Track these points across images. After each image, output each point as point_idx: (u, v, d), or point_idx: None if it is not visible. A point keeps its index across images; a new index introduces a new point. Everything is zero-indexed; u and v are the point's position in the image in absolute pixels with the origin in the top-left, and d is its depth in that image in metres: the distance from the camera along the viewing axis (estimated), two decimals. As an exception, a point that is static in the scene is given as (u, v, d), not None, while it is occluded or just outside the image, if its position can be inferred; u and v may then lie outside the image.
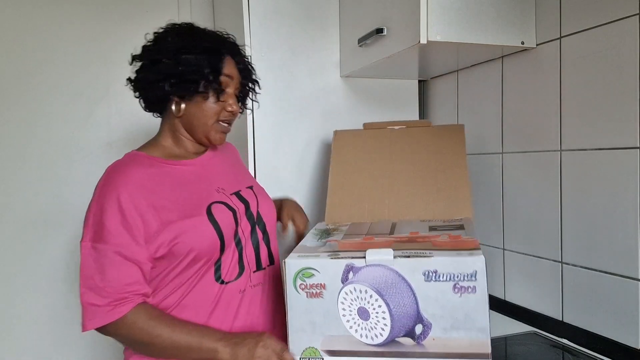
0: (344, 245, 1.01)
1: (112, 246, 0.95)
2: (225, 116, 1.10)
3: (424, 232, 1.06)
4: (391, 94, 1.74)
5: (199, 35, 1.08)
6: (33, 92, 1.85)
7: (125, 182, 0.98)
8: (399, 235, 1.05)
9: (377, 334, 0.91)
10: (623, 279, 1.10)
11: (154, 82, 1.05)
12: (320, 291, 0.93)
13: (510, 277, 1.44)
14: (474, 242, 0.94)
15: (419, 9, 1.20)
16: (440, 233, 1.04)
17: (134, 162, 1.04)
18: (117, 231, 0.96)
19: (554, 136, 1.26)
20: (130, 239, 0.96)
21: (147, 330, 0.95)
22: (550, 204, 1.28)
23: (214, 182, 1.11)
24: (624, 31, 1.07)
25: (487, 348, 0.86)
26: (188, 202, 1.02)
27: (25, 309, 1.84)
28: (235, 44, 1.14)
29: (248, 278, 1.08)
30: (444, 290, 0.87)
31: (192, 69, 1.02)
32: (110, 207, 0.96)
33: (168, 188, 1.03)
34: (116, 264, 0.95)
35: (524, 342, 1.25)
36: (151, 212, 0.98)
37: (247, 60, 1.17)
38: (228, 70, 1.08)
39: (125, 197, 0.97)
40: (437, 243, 0.96)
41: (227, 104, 1.09)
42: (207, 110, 1.07)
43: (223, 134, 1.12)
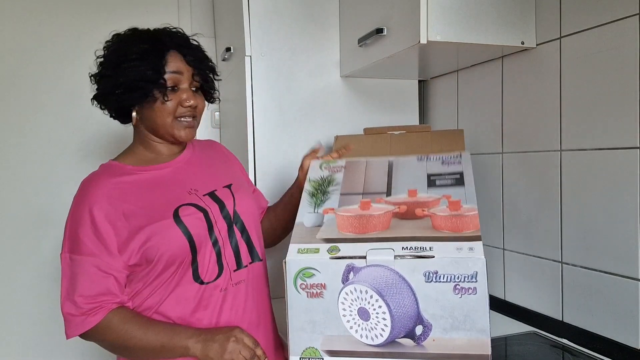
0: (342, 223, 1.00)
1: (86, 257, 0.99)
2: (183, 112, 1.08)
3: (422, 188, 1.04)
4: (391, 94, 1.74)
5: (137, 39, 1.06)
6: (33, 92, 1.85)
7: (96, 194, 1.01)
8: (396, 198, 1.04)
9: (377, 334, 0.91)
10: (623, 279, 1.10)
11: (107, 96, 1.07)
12: (321, 291, 0.93)
13: (510, 277, 1.44)
14: (474, 220, 0.93)
15: (419, 9, 1.20)
16: (439, 193, 1.02)
17: (106, 173, 1.07)
18: (90, 243, 0.99)
19: (554, 136, 1.26)
20: (103, 250, 0.99)
21: (120, 334, 0.99)
22: (550, 204, 1.28)
23: (187, 184, 1.11)
24: (624, 31, 1.07)
25: (487, 349, 0.86)
26: (156, 207, 1.03)
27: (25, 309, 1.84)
28: (181, 37, 1.11)
29: (229, 277, 1.08)
30: (444, 291, 0.87)
31: (132, 76, 1.02)
32: (83, 220, 1.00)
33: (138, 194, 1.04)
34: (90, 275, 0.99)
35: (524, 342, 1.25)
36: (121, 221, 1.00)
37: (199, 49, 1.13)
38: (174, 67, 1.06)
39: (97, 209, 1.00)
40: (437, 223, 0.95)
41: (183, 100, 1.07)
42: (161, 112, 1.06)
43: (189, 129, 1.11)
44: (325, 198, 1.08)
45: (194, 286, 1.04)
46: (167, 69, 1.05)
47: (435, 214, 0.96)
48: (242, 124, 1.61)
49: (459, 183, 1.04)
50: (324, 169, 1.17)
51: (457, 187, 1.03)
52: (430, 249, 0.89)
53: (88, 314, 0.98)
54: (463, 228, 0.92)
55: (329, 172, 1.16)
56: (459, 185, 1.03)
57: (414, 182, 1.07)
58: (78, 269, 0.99)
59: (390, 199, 1.04)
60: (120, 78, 1.03)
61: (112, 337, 0.99)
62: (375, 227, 0.97)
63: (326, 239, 0.97)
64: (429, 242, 0.90)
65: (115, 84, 1.04)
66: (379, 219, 0.99)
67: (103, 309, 0.99)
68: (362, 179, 1.12)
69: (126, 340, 0.99)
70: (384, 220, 0.98)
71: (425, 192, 1.04)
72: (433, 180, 1.07)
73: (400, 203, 1.02)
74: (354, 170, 1.15)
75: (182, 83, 1.07)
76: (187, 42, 1.11)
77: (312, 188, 1.13)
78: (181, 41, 1.10)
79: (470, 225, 0.92)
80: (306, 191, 1.12)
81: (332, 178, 1.14)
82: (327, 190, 1.11)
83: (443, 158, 1.11)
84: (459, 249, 0.88)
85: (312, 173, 1.17)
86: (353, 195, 1.08)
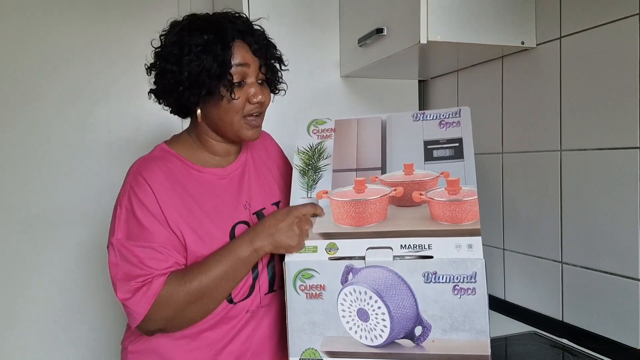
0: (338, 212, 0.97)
1: (145, 242, 0.93)
2: (251, 109, 0.99)
3: (419, 161, 0.99)
4: (391, 94, 1.74)
5: (198, 29, 0.96)
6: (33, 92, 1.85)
7: (156, 178, 0.96)
8: (392, 177, 0.99)
9: (376, 335, 0.91)
10: (623, 279, 1.10)
11: (168, 92, 0.99)
12: (320, 292, 0.93)
13: (510, 277, 1.44)
14: (473, 207, 0.91)
15: (419, 9, 1.20)
16: (437, 170, 0.97)
17: (163, 160, 1.00)
18: (150, 226, 0.93)
19: (554, 136, 1.26)
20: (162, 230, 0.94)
21: (187, 291, 0.91)
22: (550, 204, 1.28)
23: (242, 195, 1.05)
24: (624, 31, 1.07)
25: (486, 350, 0.86)
26: (214, 219, 0.98)
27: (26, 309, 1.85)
28: (245, 22, 1.01)
29: (258, 300, 1.03)
30: (443, 292, 0.87)
31: (197, 71, 0.93)
32: (139, 204, 0.94)
33: (194, 197, 0.98)
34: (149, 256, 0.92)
35: (524, 342, 1.25)
36: (174, 219, 0.95)
37: (263, 35, 1.03)
38: (240, 59, 0.96)
39: (152, 198, 0.94)
40: (436, 212, 0.92)
41: (251, 96, 0.98)
42: (228, 109, 0.97)
43: (256, 129, 1.03)
44: (317, 176, 1.03)
45: (223, 303, 0.98)
46: (233, 61, 0.95)
47: (433, 200, 0.93)
48: (242, 124, 1.61)
49: (458, 155, 0.98)
50: (312, 134, 1.09)
51: (455, 161, 0.97)
52: (429, 246, 0.89)
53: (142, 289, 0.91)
54: (462, 218, 0.91)
55: (317, 138, 1.08)
56: (457, 158, 0.97)
57: (409, 152, 1.01)
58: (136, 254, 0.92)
59: (386, 177, 1.00)
60: (184, 73, 0.94)
61: (179, 300, 0.91)
62: (372, 216, 0.96)
63: (323, 233, 0.96)
64: (427, 237, 0.90)
65: (178, 79, 0.95)
66: (375, 206, 0.96)
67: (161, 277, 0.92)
68: (355, 147, 1.06)
69: (194, 292, 0.91)
70: (380, 208, 0.96)
71: (422, 166, 0.99)
72: (430, 150, 1.00)
73: (397, 184, 0.98)
74: (345, 135, 1.07)
75: (249, 77, 0.98)
76: (251, 28, 1.01)
77: (302, 163, 1.06)
78: (245, 27, 0.99)
79: (469, 213, 0.91)
80: (296, 168, 1.05)
81: (322, 147, 1.06)
82: (317, 165, 1.05)
83: (440, 116, 1.02)
84: (458, 246, 0.88)
85: (300, 140, 1.09)
86: (346, 172, 1.02)
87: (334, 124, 1.09)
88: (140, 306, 0.91)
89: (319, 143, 1.07)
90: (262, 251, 0.94)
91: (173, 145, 1.05)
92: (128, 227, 0.94)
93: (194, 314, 0.95)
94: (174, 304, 0.91)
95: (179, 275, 0.93)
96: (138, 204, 0.94)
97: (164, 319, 0.93)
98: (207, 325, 0.99)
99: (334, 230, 0.96)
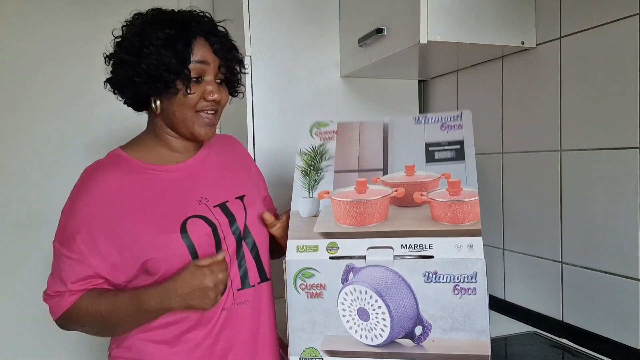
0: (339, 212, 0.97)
1: (74, 255, 0.95)
2: (205, 106, 0.99)
3: (420, 163, 1.00)
4: (391, 94, 1.74)
5: (162, 22, 0.96)
6: (33, 92, 1.85)
7: (100, 189, 0.96)
8: (393, 177, 1.00)
9: (376, 334, 0.91)
10: (623, 279, 1.10)
11: (124, 83, 0.99)
12: (320, 291, 0.93)
13: (510, 277, 1.44)
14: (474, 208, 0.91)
15: (419, 9, 1.20)
16: (438, 171, 0.98)
17: (114, 166, 1.00)
18: (81, 242, 0.95)
19: (554, 136, 1.26)
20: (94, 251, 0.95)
21: (94, 314, 0.95)
22: (550, 204, 1.28)
23: (198, 191, 1.03)
24: (624, 31, 1.07)
25: (487, 350, 0.86)
26: (164, 215, 0.97)
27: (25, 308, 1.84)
28: (208, 22, 1.02)
29: (232, 296, 1.01)
30: (443, 292, 0.87)
31: (155, 64, 0.94)
32: (80, 214, 0.95)
33: (145, 198, 0.98)
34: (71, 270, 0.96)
35: (524, 342, 1.25)
36: (122, 227, 0.94)
37: (226, 37, 1.04)
38: (200, 56, 0.97)
39: (97, 206, 0.95)
40: (437, 212, 0.93)
41: (206, 92, 0.98)
42: (182, 104, 0.98)
43: (209, 128, 1.02)
44: (319, 177, 1.04)
45: None
46: (192, 58, 0.96)
47: (435, 200, 0.94)
48: (242, 124, 1.61)
49: (459, 157, 0.98)
50: (314, 135, 1.09)
51: (457, 163, 0.98)
52: (429, 246, 0.89)
53: (61, 296, 0.96)
54: (463, 219, 0.91)
55: (320, 140, 1.08)
56: (459, 159, 0.98)
57: (411, 153, 1.02)
58: (63, 264, 0.96)
59: (387, 178, 1.00)
60: (142, 65, 0.94)
61: (87, 319, 0.96)
62: (373, 216, 0.96)
63: (324, 233, 0.96)
64: (428, 237, 0.90)
65: (136, 71, 0.95)
66: (376, 206, 0.97)
67: (74, 295, 0.96)
68: (357, 148, 1.06)
69: (99, 319, 0.95)
70: (381, 208, 0.97)
71: (423, 168, 1.00)
72: (432, 152, 1.01)
73: (398, 184, 0.99)
74: (347, 137, 1.08)
75: (207, 74, 0.99)
76: (215, 29, 1.02)
77: (304, 164, 1.06)
78: (209, 27, 1.00)
79: (470, 214, 0.91)
80: (298, 168, 1.06)
81: (325, 149, 1.06)
82: (319, 166, 1.05)
83: (442, 119, 1.03)
84: (459, 246, 0.87)
85: (302, 141, 1.09)
86: (348, 172, 1.03)
87: (336, 126, 1.09)
88: (53, 313, 0.99)
89: (321, 144, 1.08)
90: (171, 310, 0.93)
91: (127, 148, 1.05)
92: (62, 234, 0.98)
93: (102, 333, 1.02)
94: (82, 320, 0.97)
95: (94, 296, 0.96)
96: (73, 211, 0.96)
97: (76, 327, 1.00)
98: (186, 328, 0.98)
99: (334, 230, 0.96)
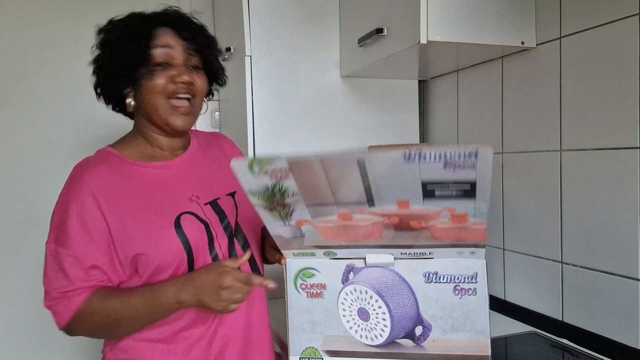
0: (327, 234, 0.86)
1: (72, 251, 0.92)
2: (175, 90, 0.96)
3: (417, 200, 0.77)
4: (391, 94, 1.74)
5: (124, 20, 0.99)
6: (33, 92, 1.85)
7: (91, 184, 0.94)
8: (383, 209, 0.80)
9: (377, 334, 0.91)
10: (623, 279, 1.10)
11: (99, 84, 1.01)
12: (321, 291, 0.93)
13: (510, 277, 1.44)
14: (480, 233, 0.79)
15: (419, 9, 1.20)
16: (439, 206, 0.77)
17: (103, 161, 0.99)
18: (77, 237, 0.92)
19: (554, 136, 1.26)
20: (91, 244, 0.93)
21: (104, 313, 0.92)
22: (550, 204, 1.28)
23: (189, 189, 1.02)
24: (624, 31, 1.07)
25: (487, 350, 0.86)
26: (156, 211, 0.96)
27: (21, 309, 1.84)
28: (175, 14, 1.00)
29: None
30: (444, 292, 0.87)
31: (117, 54, 0.94)
32: (73, 210, 0.93)
33: (135, 194, 0.96)
34: (74, 267, 0.93)
35: (524, 342, 1.25)
36: (115, 223, 0.93)
37: (193, 22, 1.01)
38: (162, 42, 0.96)
39: (89, 201, 0.93)
40: (438, 234, 0.80)
41: (174, 75, 0.96)
42: (151, 90, 0.95)
43: (185, 117, 0.99)
44: (289, 210, 0.84)
45: None
46: (154, 44, 0.95)
47: (435, 226, 0.81)
48: (242, 124, 1.61)
49: (469, 195, 0.75)
50: (258, 174, 0.78)
51: (464, 200, 0.75)
52: (430, 253, 0.88)
53: (69, 298, 0.93)
54: (467, 239, 0.83)
55: (270, 179, 0.79)
56: (467, 197, 0.75)
57: (403, 189, 0.77)
58: (63, 262, 0.93)
59: (375, 209, 0.81)
60: (105, 61, 0.96)
61: (98, 319, 0.93)
62: (367, 237, 0.85)
63: (317, 246, 0.90)
64: (429, 248, 0.87)
65: (101, 68, 0.98)
66: (367, 229, 0.83)
67: (83, 293, 0.93)
68: (326, 185, 0.79)
69: (112, 317, 0.92)
70: (374, 230, 0.84)
71: (420, 204, 0.78)
72: (431, 190, 0.76)
73: (390, 215, 0.81)
74: (308, 175, 0.78)
75: (175, 59, 0.97)
76: (181, 17, 1.00)
77: (263, 202, 0.82)
78: (174, 17, 0.99)
79: (475, 235, 0.81)
80: (259, 206, 0.83)
81: (283, 188, 0.80)
82: (284, 202, 0.82)
83: (447, 157, 0.70)
84: (460, 253, 0.87)
85: (247, 182, 0.80)
86: (323, 205, 0.82)
87: (286, 164, 0.77)
88: (62, 317, 0.94)
89: (275, 182, 0.80)
90: (185, 305, 0.92)
91: (117, 146, 1.04)
92: (57, 233, 0.94)
93: (112, 334, 0.98)
94: (93, 321, 0.94)
95: (103, 294, 0.93)
96: (70, 210, 0.93)
97: (85, 331, 0.96)
98: (181, 326, 0.97)
99: (329, 244, 0.90)
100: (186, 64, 0.98)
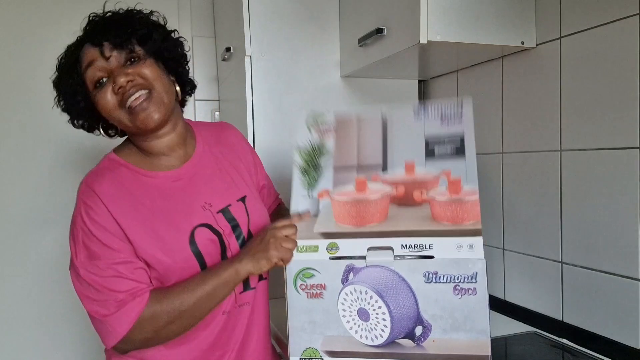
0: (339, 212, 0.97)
1: (105, 260, 0.90)
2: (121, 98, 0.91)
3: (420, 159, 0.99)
4: (391, 94, 1.74)
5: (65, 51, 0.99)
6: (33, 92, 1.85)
7: (106, 193, 0.92)
8: (393, 176, 0.99)
9: (377, 335, 0.91)
10: (623, 279, 1.10)
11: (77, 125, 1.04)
12: (321, 291, 0.93)
13: (510, 277, 1.44)
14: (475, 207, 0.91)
15: (419, 9, 1.20)
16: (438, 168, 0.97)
17: (111, 174, 0.96)
18: (106, 242, 0.90)
19: (554, 136, 1.26)
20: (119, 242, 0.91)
21: (168, 310, 0.90)
22: (550, 204, 1.28)
23: (201, 196, 1.00)
24: (624, 31, 1.07)
25: (487, 350, 0.86)
26: (171, 225, 0.94)
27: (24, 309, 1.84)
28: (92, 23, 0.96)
29: (234, 299, 1.00)
30: (444, 292, 0.87)
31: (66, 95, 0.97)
32: (94, 227, 0.90)
33: (149, 207, 0.94)
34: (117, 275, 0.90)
35: (524, 342, 1.25)
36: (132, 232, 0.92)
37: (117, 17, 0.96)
38: (87, 60, 0.92)
39: (104, 217, 0.91)
40: (437, 212, 0.93)
41: (113, 86, 0.91)
42: (104, 110, 0.94)
43: (147, 111, 0.92)
44: (318, 175, 1.03)
45: None
46: (83, 68, 0.93)
47: (435, 200, 0.94)
48: (242, 124, 1.61)
49: (459, 152, 0.97)
50: (312, 131, 1.06)
51: (457, 159, 0.96)
52: (430, 246, 0.89)
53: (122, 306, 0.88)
54: (464, 218, 0.91)
55: (318, 136, 1.06)
56: (459, 155, 0.97)
57: (410, 149, 1.00)
58: (104, 279, 0.89)
59: (387, 176, 1.00)
60: (63, 106, 0.99)
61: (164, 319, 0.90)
62: (374, 216, 0.96)
63: (324, 233, 0.96)
64: (428, 237, 0.90)
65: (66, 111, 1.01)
66: (376, 205, 0.97)
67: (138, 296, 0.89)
68: (355, 145, 1.05)
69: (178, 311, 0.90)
70: (381, 207, 0.97)
71: (423, 164, 0.98)
72: (431, 149, 0.99)
73: (398, 182, 0.98)
74: (345, 134, 1.06)
75: (107, 69, 0.92)
76: (95, 24, 0.95)
77: (302, 161, 1.05)
78: (91, 29, 0.94)
79: (471, 214, 0.91)
80: (297, 166, 1.04)
81: (323, 145, 1.04)
82: (318, 163, 1.04)
83: (442, 110, 1.01)
84: (459, 246, 0.88)
85: (300, 137, 1.06)
86: (347, 169, 1.02)
87: (334, 120, 1.06)
88: (120, 325, 0.89)
89: (319, 140, 1.06)
90: (243, 272, 0.92)
91: (122, 153, 1.01)
92: (88, 248, 0.90)
93: (170, 334, 0.93)
94: (155, 324, 0.90)
95: (160, 294, 0.91)
96: (93, 222, 0.90)
97: (142, 341, 0.92)
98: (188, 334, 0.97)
99: (334, 230, 0.96)
100: (124, 64, 0.92)
